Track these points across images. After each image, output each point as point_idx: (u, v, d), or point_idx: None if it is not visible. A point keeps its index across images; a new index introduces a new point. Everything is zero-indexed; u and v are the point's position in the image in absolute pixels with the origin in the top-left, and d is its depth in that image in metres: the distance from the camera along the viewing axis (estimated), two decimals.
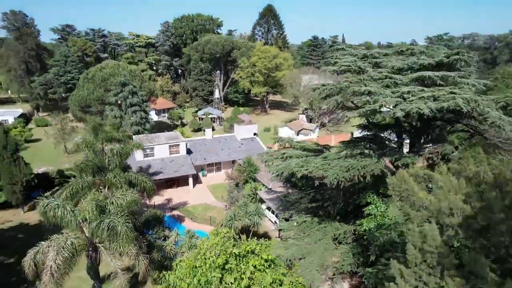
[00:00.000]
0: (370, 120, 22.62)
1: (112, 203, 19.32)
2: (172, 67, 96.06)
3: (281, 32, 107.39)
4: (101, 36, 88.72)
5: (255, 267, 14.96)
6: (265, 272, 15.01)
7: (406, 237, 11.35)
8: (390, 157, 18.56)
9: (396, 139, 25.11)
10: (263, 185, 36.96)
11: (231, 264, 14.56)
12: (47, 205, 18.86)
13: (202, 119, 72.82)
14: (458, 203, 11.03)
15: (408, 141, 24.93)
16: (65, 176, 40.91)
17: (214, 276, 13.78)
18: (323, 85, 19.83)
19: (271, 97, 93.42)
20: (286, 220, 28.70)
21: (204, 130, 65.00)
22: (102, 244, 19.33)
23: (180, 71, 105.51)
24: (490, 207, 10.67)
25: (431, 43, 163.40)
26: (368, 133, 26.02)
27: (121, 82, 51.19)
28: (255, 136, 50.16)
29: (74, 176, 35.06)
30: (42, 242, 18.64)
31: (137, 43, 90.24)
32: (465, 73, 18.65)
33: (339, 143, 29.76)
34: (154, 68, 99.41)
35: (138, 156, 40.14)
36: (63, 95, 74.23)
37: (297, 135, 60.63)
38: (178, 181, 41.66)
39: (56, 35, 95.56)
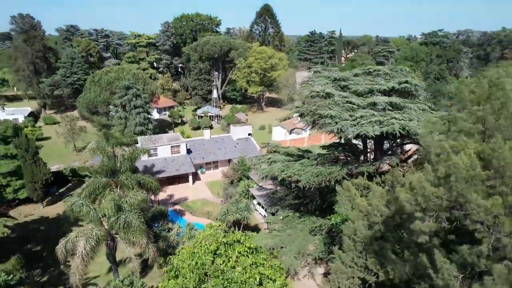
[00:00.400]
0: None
1: (127, 202, 23.72)
2: (173, 65, 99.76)
3: (277, 31, 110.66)
4: (104, 36, 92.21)
5: (239, 252, 19.43)
6: (248, 256, 19.49)
7: (344, 231, 15.81)
8: (351, 166, 22.89)
9: (372, 146, 29.43)
10: (255, 182, 41.36)
11: (221, 250, 19.05)
12: (74, 203, 23.28)
13: (201, 117, 76.91)
14: (381, 207, 15.42)
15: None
16: (78, 174, 45.52)
17: (207, 259, 18.26)
18: (297, 107, 24.08)
19: (267, 94, 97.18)
20: (273, 214, 33.23)
21: (203, 128, 69.44)
22: (118, 235, 23.80)
23: (180, 69, 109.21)
24: (402, 209, 15.10)
25: (426, 39, 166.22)
26: (343, 141, 30.32)
27: (126, 86, 55.12)
28: (249, 136, 54.41)
29: (88, 175, 39.66)
30: (71, 233, 23.11)
31: (138, 42, 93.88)
32: (413, 98, 22.89)
33: (320, 147, 34.16)
34: (155, 65, 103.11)
35: (143, 156, 44.29)
36: (69, 93, 78.22)
37: (290, 134, 64.85)
38: (179, 178, 46.07)
39: (57, 32, 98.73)
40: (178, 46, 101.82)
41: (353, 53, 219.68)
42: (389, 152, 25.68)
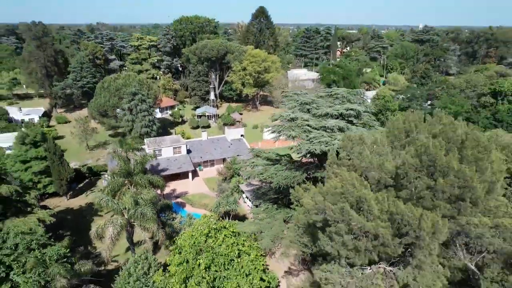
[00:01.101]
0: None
1: (142, 198, 31.38)
2: (173, 66, 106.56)
3: (272, 32, 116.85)
4: (109, 39, 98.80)
5: (225, 235, 27.14)
6: (231, 238, 27.21)
7: (293, 220, 23.45)
8: (310, 172, 30.46)
9: None
10: (244, 179, 48.94)
11: (212, 233, 26.77)
12: (102, 198, 30.94)
13: (200, 117, 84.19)
14: (311, 205, 23.00)
15: None
16: (94, 172, 53.19)
17: (202, 239, 25.98)
18: (267, 126, 31.56)
19: (262, 92, 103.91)
20: (257, 206, 40.88)
21: (201, 128, 76.86)
22: (135, 223, 31.53)
23: (180, 66, 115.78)
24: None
25: (417, 36, 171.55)
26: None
27: (132, 92, 62.26)
28: (242, 137, 61.84)
29: (105, 171, 47.16)
30: (101, 222, 30.83)
31: (141, 44, 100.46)
32: (359, 119, 30.35)
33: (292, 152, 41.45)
34: (157, 65, 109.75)
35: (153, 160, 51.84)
36: (78, 94, 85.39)
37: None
38: (180, 175, 53.68)
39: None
40: (178, 48, 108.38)
41: (348, 48, 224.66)
42: None
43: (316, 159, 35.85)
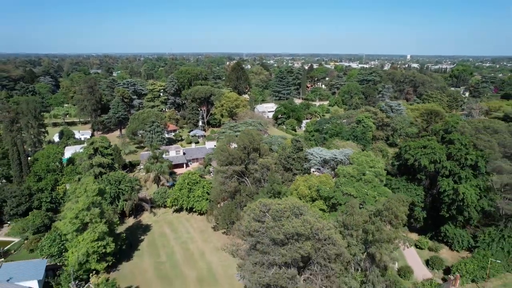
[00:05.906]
0: None
1: (163, 164, 76.22)
2: (176, 103, 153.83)
3: (246, 78, 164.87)
4: (132, 85, 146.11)
5: (194, 175, 71.71)
6: (197, 177, 71.84)
7: None
8: None
9: None
10: (211, 165, 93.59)
11: (190, 174, 71.43)
12: (149, 165, 76.01)
13: (193, 136, 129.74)
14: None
15: None
16: (132, 164, 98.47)
17: (186, 175, 70.53)
18: (217, 133, 76.44)
19: (234, 118, 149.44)
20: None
21: (193, 143, 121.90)
22: (160, 175, 76.17)
23: (180, 102, 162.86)
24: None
25: (363, 77, 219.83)
26: None
27: (152, 121, 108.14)
28: (214, 146, 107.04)
29: (138, 164, 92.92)
30: (146, 173, 75.64)
31: (154, 88, 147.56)
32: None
33: None
34: (164, 101, 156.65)
35: (164, 155, 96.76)
36: (115, 123, 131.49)
37: None
38: (179, 165, 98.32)
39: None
40: (179, 89, 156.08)
41: (317, 84, 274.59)
42: None
43: None
